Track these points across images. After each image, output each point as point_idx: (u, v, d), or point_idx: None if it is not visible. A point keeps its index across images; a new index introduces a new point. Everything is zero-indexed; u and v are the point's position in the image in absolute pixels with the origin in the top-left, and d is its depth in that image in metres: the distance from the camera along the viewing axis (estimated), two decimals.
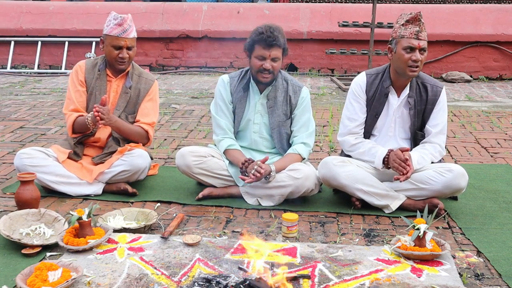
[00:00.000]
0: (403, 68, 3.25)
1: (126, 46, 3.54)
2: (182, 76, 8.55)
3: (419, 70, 3.26)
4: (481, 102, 6.80)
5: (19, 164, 3.46)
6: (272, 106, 3.51)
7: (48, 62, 8.88)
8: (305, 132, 3.54)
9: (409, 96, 3.36)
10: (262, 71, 3.36)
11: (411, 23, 3.24)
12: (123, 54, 3.54)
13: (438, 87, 3.39)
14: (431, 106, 3.37)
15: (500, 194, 3.67)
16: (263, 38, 3.31)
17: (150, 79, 3.77)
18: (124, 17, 3.53)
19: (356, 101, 3.44)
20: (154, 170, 3.95)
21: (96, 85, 3.63)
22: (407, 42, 3.22)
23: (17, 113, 5.96)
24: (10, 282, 2.47)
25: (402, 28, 3.26)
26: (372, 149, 3.36)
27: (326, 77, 8.47)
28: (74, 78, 3.66)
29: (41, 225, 2.96)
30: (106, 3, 9.39)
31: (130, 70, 3.71)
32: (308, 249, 2.81)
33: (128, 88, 3.66)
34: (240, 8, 8.91)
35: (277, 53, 3.35)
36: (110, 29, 3.52)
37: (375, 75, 3.43)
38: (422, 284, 2.48)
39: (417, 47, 3.20)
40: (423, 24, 3.23)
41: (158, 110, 3.81)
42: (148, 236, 2.95)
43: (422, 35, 3.22)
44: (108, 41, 3.54)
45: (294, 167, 3.41)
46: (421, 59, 3.22)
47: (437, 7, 9.01)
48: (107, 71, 3.67)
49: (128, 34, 3.53)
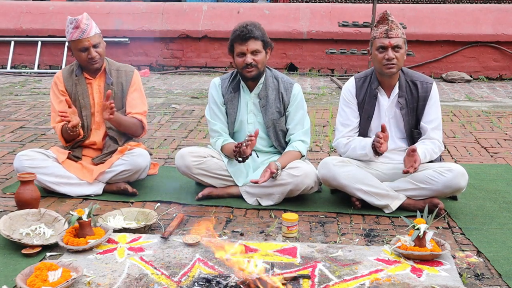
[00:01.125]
0: (380, 67, 3.28)
1: (91, 45, 3.50)
2: (182, 76, 8.55)
3: (396, 67, 3.26)
4: (481, 102, 6.80)
5: (18, 166, 3.46)
6: (264, 105, 3.52)
7: (48, 62, 8.88)
8: (301, 130, 3.54)
9: (400, 96, 3.37)
10: (246, 66, 3.38)
11: (381, 23, 3.29)
12: (91, 54, 3.51)
13: (428, 83, 3.38)
14: (423, 103, 3.37)
15: (500, 194, 3.67)
16: (237, 34, 3.37)
17: (129, 70, 3.74)
18: (79, 19, 3.48)
19: (348, 106, 3.46)
20: (154, 170, 3.95)
21: (77, 91, 3.62)
22: (379, 42, 3.26)
23: (17, 113, 5.97)
24: (10, 282, 2.47)
25: (374, 30, 3.33)
26: (362, 142, 3.37)
27: (326, 77, 8.47)
28: (55, 90, 3.66)
29: (41, 225, 2.97)
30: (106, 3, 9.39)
31: (107, 66, 3.67)
32: (308, 249, 2.81)
33: (110, 85, 3.64)
34: (240, 8, 8.91)
35: (255, 46, 3.37)
36: (70, 34, 3.49)
37: (364, 78, 3.45)
38: (422, 284, 2.48)
39: (388, 45, 3.23)
40: (392, 22, 3.25)
41: (145, 98, 3.79)
42: (148, 236, 2.95)
43: (393, 33, 3.23)
44: (73, 46, 3.53)
45: (293, 165, 3.41)
46: (394, 56, 3.23)
47: (437, 7, 9.00)
48: (84, 75, 3.64)
49: (88, 33, 3.49)
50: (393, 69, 3.26)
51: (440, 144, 3.39)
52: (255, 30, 3.36)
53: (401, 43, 3.26)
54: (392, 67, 3.25)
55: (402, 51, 3.26)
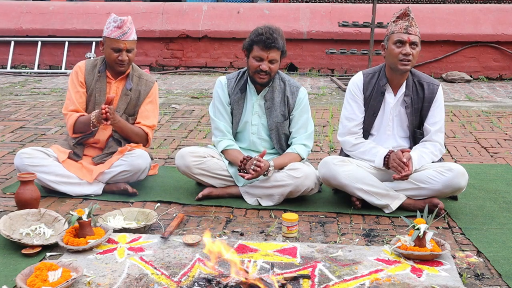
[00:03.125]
0: (395, 63, 3.27)
1: (125, 48, 3.53)
2: (182, 76, 8.55)
3: (411, 64, 3.27)
4: (481, 102, 6.80)
5: (19, 164, 3.46)
6: (269, 107, 3.51)
7: (48, 62, 8.88)
8: (304, 134, 3.54)
9: (406, 95, 3.37)
10: (259, 72, 3.37)
11: (401, 19, 3.29)
12: (122, 56, 3.54)
13: (434, 85, 3.39)
14: (428, 104, 3.38)
15: (500, 194, 3.67)
16: (262, 39, 3.31)
17: (150, 81, 3.77)
18: (124, 20, 3.52)
19: (354, 100, 3.45)
20: (154, 170, 3.95)
21: (96, 87, 3.63)
22: (397, 37, 3.25)
23: (17, 113, 5.96)
24: (10, 282, 2.47)
25: (393, 25, 3.31)
26: (373, 149, 3.37)
27: (326, 77, 8.47)
28: (74, 79, 3.66)
29: (41, 225, 2.96)
30: (106, 3, 9.39)
31: (130, 72, 3.70)
32: (308, 249, 2.81)
33: (128, 90, 3.65)
34: (240, 8, 8.91)
35: (275, 55, 3.35)
36: (110, 31, 3.52)
37: (372, 74, 3.44)
38: (422, 284, 2.48)
39: (407, 41, 3.23)
40: (412, 20, 3.26)
41: (158, 112, 3.81)
42: (148, 236, 2.95)
43: (412, 30, 3.24)
44: (107, 43, 3.54)
45: (294, 166, 3.41)
46: (411, 53, 3.23)
47: (437, 7, 9.00)
48: (107, 73, 3.66)
49: (127, 37, 3.52)
50: (408, 65, 3.26)
51: (442, 147, 3.39)
52: (280, 39, 3.35)
53: (418, 41, 3.27)
54: (407, 63, 3.25)
55: (418, 49, 3.28)
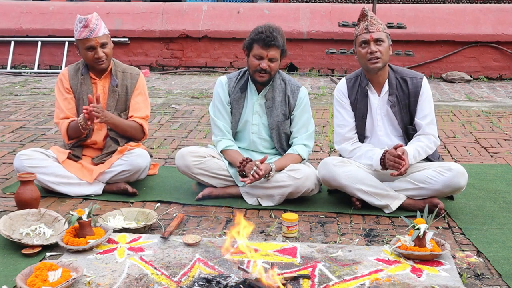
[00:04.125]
0: (365, 63, 3.28)
1: (98, 45, 3.51)
2: (182, 76, 8.54)
3: (381, 61, 3.25)
4: (481, 102, 6.79)
5: (18, 166, 3.46)
6: (270, 106, 3.51)
7: (48, 62, 8.87)
8: (305, 134, 3.54)
9: (390, 94, 3.36)
10: (259, 70, 3.37)
11: (361, 20, 3.32)
12: (98, 53, 3.52)
13: (418, 78, 3.37)
14: (414, 99, 3.36)
15: (500, 194, 3.67)
16: (262, 37, 3.32)
17: (135, 73, 3.74)
18: (88, 18, 3.50)
19: (342, 107, 3.46)
20: (154, 170, 3.95)
21: (82, 90, 3.62)
22: (360, 38, 3.29)
23: (17, 113, 5.96)
24: (10, 282, 2.47)
25: (356, 28, 3.35)
26: (369, 152, 3.36)
27: (326, 77, 8.46)
28: (60, 87, 3.66)
29: (41, 225, 2.97)
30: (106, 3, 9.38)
31: (113, 68, 3.67)
32: (308, 249, 2.81)
33: (115, 87, 3.64)
34: (240, 8, 8.91)
35: (275, 54, 3.36)
36: (79, 33, 3.51)
37: (354, 78, 3.46)
38: (422, 284, 2.48)
39: (369, 39, 3.24)
40: (371, 17, 3.27)
41: (149, 102, 3.79)
42: (148, 236, 2.95)
43: (373, 28, 3.25)
44: (80, 45, 3.53)
45: (294, 167, 3.41)
46: (377, 50, 3.23)
47: (437, 7, 9.00)
48: (90, 74, 3.65)
49: (97, 33, 3.50)
50: (378, 63, 3.25)
51: (436, 139, 3.37)
52: (279, 38, 3.35)
53: (383, 37, 3.26)
54: (376, 61, 3.24)
55: (385, 44, 3.26)
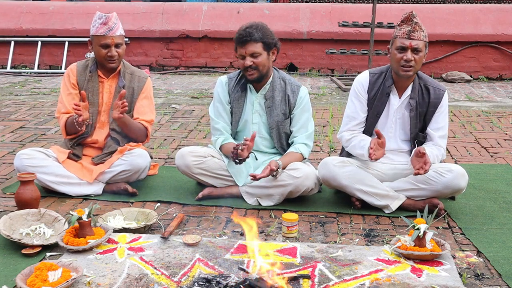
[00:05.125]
0: (397, 68, 3.24)
1: (113, 44, 3.52)
2: (182, 76, 8.55)
3: (413, 70, 3.22)
4: (481, 102, 6.80)
5: (19, 165, 3.46)
6: (270, 105, 3.51)
7: (48, 62, 8.88)
8: (305, 133, 3.54)
9: (411, 98, 3.33)
10: (246, 69, 3.38)
11: (405, 23, 3.23)
12: (111, 52, 3.53)
13: (440, 90, 3.35)
14: (433, 109, 3.34)
15: (500, 194, 3.67)
16: (238, 37, 3.38)
17: (143, 76, 3.76)
18: (109, 16, 3.52)
19: (358, 99, 3.42)
20: (154, 170, 3.95)
21: (88, 87, 3.63)
22: (399, 42, 3.21)
23: (17, 113, 5.96)
24: (10, 282, 2.47)
25: (397, 29, 3.26)
26: (362, 142, 3.34)
27: (326, 77, 8.47)
28: (66, 81, 3.67)
29: (41, 225, 2.96)
30: (106, 3, 9.39)
31: (122, 69, 3.69)
32: (308, 249, 2.81)
33: (121, 88, 3.65)
34: (240, 8, 8.91)
35: (254, 48, 3.35)
36: (96, 29, 3.52)
37: (378, 74, 3.41)
38: (422, 284, 2.48)
39: (408, 47, 3.18)
40: (416, 24, 3.19)
41: (154, 107, 3.80)
42: (148, 236, 2.95)
43: (415, 35, 3.18)
44: (95, 41, 3.54)
45: (294, 166, 3.41)
46: (413, 59, 3.18)
47: (437, 7, 9.00)
48: (98, 72, 3.66)
49: (114, 32, 3.52)
50: (409, 72, 3.21)
51: (444, 152, 3.38)
52: (255, 32, 3.33)
53: (422, 46, 3.19)
54: (409, 70, 3.20)
55: (421, 54, 3.21)
